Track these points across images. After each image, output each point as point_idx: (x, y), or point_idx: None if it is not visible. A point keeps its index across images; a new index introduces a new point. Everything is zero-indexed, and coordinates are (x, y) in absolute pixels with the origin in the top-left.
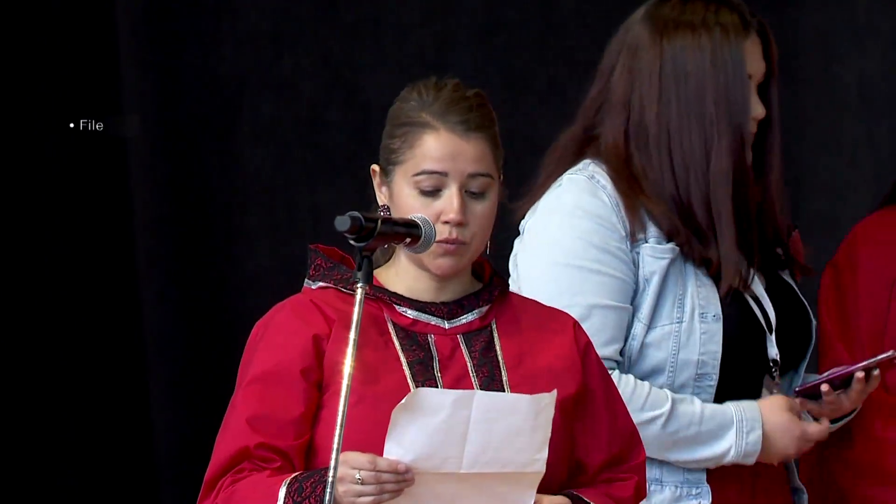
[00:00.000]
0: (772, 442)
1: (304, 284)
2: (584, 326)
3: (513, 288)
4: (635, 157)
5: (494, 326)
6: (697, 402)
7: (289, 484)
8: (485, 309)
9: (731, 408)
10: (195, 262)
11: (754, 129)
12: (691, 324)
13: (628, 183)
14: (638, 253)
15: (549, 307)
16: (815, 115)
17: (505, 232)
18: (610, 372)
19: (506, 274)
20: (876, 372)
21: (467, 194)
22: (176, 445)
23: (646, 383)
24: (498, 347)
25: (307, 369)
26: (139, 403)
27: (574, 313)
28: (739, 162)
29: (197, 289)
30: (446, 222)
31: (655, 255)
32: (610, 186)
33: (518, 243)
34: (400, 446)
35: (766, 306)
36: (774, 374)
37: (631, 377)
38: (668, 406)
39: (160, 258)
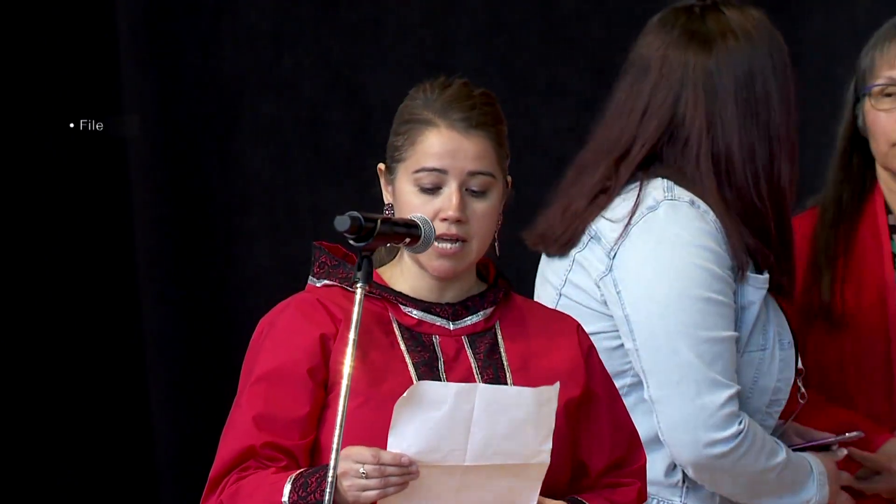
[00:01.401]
0: (831, 491)
1: (309, 282)
2: (721, 362)
3: (593, 304)
4: (725, 183)
5: (499, 328)
6: (785, 447)
7: (294, 480)
8: (489, 310)
9: (808, 458)
10: (195, 263)
11: None
12: (774, 351)
13: (724, 210)
14: (738, 282)
15: (553, 310)
16: (816, 116)
17: (512, 233)
18: (745, 416)
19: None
20: (843, 452)
21: (468, 192)
22: (176, 446)
23: (760, 428)
24: (502, 349)
25: (314, 369)
26: (139, 403)
27: (712, 348)
28: (796, 170)
29: (197, 289)
30: (445, 219)
31: (756, 285)
32: (712, 213)
33: (593, 260)
34: (403, 440)
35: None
36: (801, 389)
37: (757, 425)
38: (783, 454)
39: (160, 258)
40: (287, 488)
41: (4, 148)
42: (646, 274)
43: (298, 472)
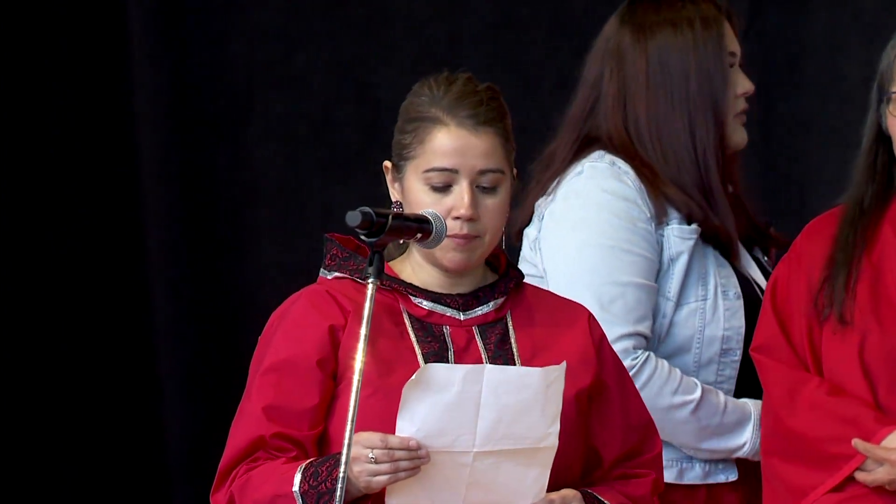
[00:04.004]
0: None
1: (320, 274)
2: (619, 304)
3: (533, 271)
4: (639, 151)
5: (510, 318)
6: (721, 394)
7: (304, 469)
8: (500, 301)
9: (751, 404)
10: (205, 258)
11: (746, 106)
12: (715, 301)
13: (646, 171)
14: (662, 234)
15: (565, 299)
16: (821, 112)
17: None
18: (644, 353)
19: (516, 260)
20: None
21: (478, 189)
22: (186, 439)
23: (677, 370)
24: (513, 340)
25: (323, 360)
26: (150, 397)
27: (610, 291)
28: (721, 138)
29: (207, 283)
30: (457, 218)
31: (683, 235)
32: (632, 173)
33: (532, 230)
34: (412, 423)
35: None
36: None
37: (665, 362)
38: (698, 393)
39: (171, 253)
40: (298, 477)
41: (16, 143)
42: (559, 228)
43: (308, 461)
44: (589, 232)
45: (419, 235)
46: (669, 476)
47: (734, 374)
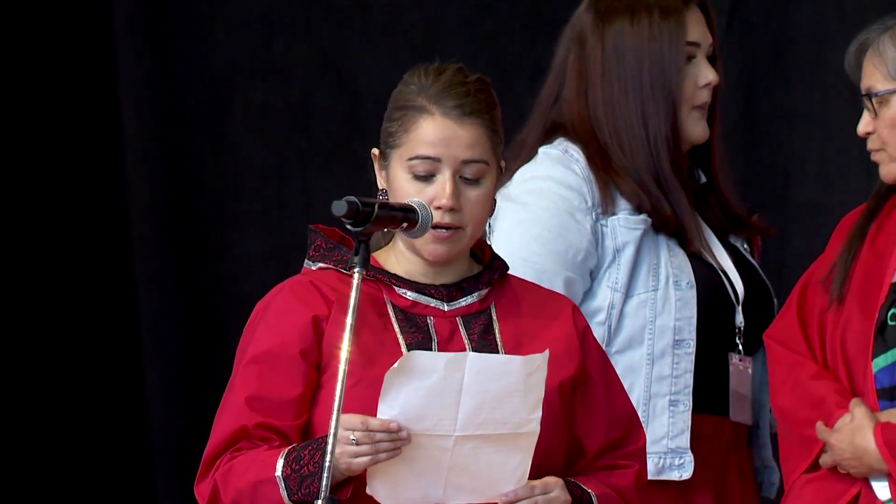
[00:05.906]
0: None
1: (304, 265)
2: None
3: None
4: (599, 137)
5: (493, 309)
6: None
7: (287, 454)
8: (484, 292)
9: None
10: (189, 249)
11: (708, 98)
12: (666, 291)
13: (599, 159)
14: (605, 225)
15: (549, 290)
16: (804, 104)
17: None
18: None
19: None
20: None
21: (461, 180)
22: (171, 430)
23: None
24: (497, 330)
25: (306, 350)
26: (135, 389)
27: (520, 267)
28: (674, 128)
29: (191, 275)
30: (438, 207)
31: (629, 226)
32: (583, 161)
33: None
34: (392, 408)
35: (734, 281)
36: (739, 341)
37: None
38: None
39: (154, 244)
40: (280, 462)
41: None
42: (505, 208)
43: (291, 446)
44: (525, 214)
45: (405, 225)
46: None
47: (690, 369)
